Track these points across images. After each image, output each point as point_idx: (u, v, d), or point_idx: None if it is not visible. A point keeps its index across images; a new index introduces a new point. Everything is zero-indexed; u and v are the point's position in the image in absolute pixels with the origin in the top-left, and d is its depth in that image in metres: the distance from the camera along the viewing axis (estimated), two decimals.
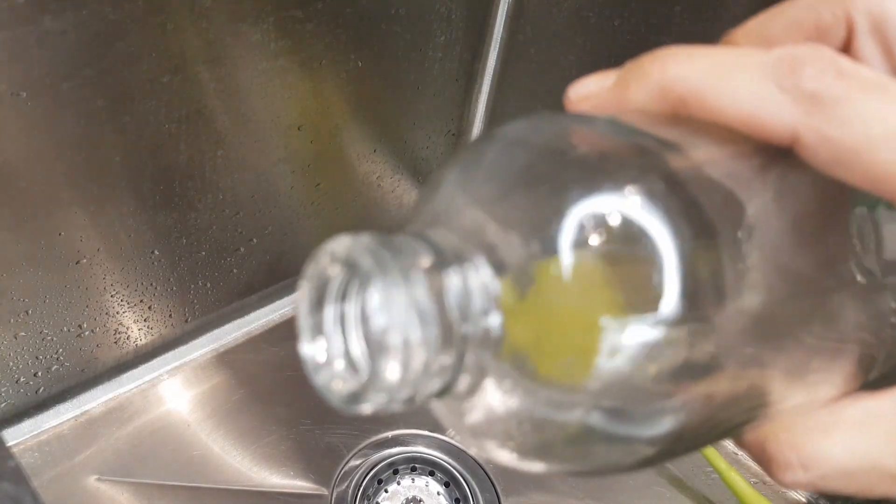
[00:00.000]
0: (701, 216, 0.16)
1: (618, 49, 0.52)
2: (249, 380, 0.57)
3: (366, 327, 0.17)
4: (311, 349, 0.18)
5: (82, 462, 0.50)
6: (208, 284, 0.55)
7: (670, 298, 0.15)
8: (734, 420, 0.18)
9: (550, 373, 0.16)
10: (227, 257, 0.55)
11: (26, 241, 0.44)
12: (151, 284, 0.52)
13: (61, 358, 0.50)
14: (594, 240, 0.16)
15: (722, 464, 0.51)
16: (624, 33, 0.52)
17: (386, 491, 0.51)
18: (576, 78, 0.20)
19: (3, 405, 0.50)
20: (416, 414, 0.55)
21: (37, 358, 0.49)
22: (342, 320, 0.17)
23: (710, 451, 0.52)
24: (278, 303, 0.62)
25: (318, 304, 0.17)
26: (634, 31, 0.51)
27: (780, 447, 0.18)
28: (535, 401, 0.17)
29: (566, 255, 0.16)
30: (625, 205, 0.16)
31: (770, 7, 0.20)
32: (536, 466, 0.18)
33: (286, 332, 0.61)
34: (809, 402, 0.19)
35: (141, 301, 0.52)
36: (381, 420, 0.54)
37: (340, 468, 0.51)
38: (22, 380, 0.49)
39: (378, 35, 0.52)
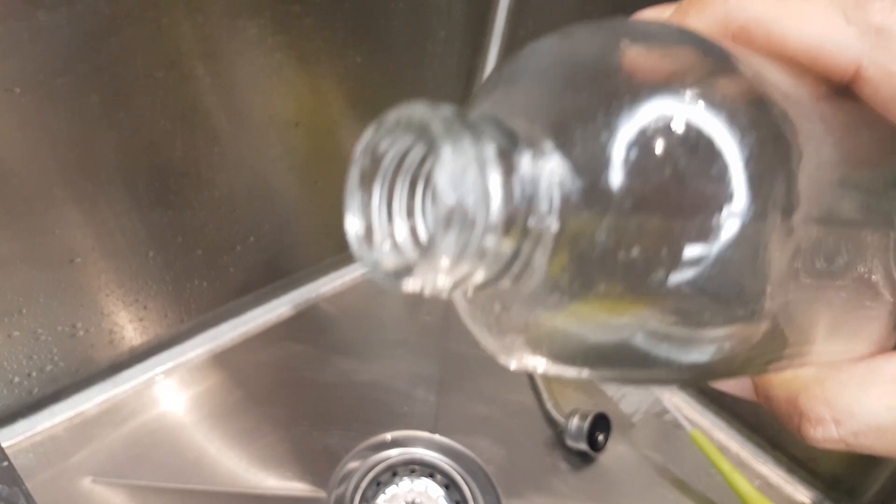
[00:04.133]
0: (771, 130, 0.16)
1: None
2: (246, 380, 0.56)
3: (427, 198, 0.16)
4: (358, 223, 0.17)
5: (77, 463, 0.49)
6: (204, 283, 0.55)
7: (737, 212, 0.15)
8: (765, 358, 0.18)
9: (603, 289, 0.16)
10: (224, 256, 0.55)
11: (20, 240, 0.43)
12: (146, 283, 0.51)
13: (55, 358, 0.50)
14: (666, 143, 0.15)
15: (726, 465, 0.51)
16: None
17: (384, 493, 0.51)
18: None
19: None
20: (415, 415, 0.55)
21: (31, 358, 0.48)
22: (395, 194, 0.17)
23: (713, 453, 0.51)
24: (275, 302, 0.62)
25: (370, 175, 0.16)
26: None
27: (812, 401, 0.18)
28: (579, 314, 0.16)
29: (637, 160, 0.15)
30: (698, 111, 0.15)
31: None
32: (560, 371, 0.18)
33: (283, 331, 0.61)
34: (842, 356, 0.18)
35: (136, 300, 0.51)
36: (379, 421, 0.54)
37: (338, 470, 0.51)
38: (16, 380, 0.49)
39: (377, 30, 0.52)
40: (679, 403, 0.58)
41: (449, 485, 0.51)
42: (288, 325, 0.61)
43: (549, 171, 0.15)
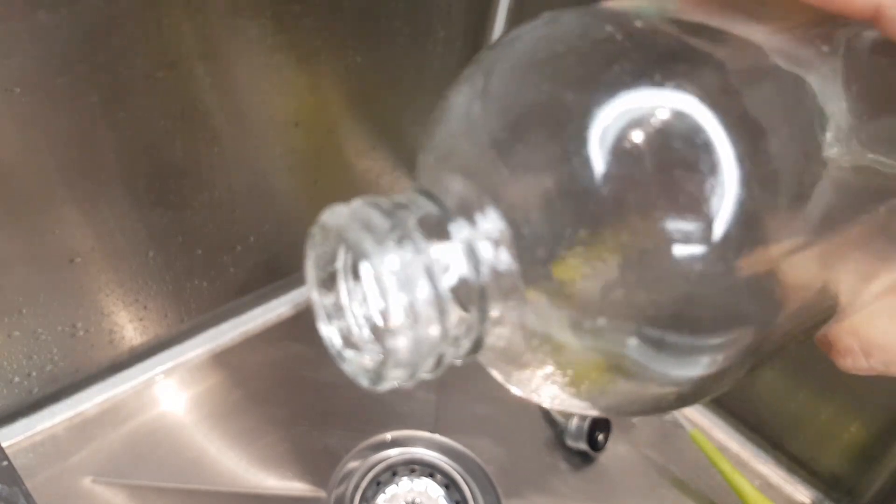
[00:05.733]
0: (760, 112, 0.15)
1: None
2: (246, 380, 0.56)
3: (370, 303, 0.16)
4: (328, 331, 0.16)
5: (77, 463, 0.49)
6: (204, 283, 0.55)
7: (728, 215, 0.14)
8: (803, 328, 0.17)
9: (591, 301, 0.15)
10: (224, 256, 0.55)
11: (20, 239, 0.43)
12: (146, 283, 0.51)
13: (55, 358, 0.50)
14: (634, 151, 0.14)
15: (726, 465, 0.51)
16: None
17: (384, 493, 0.50)
18: None
19: None
20: (415, 415, 0.55)
21: (31, 357, 0.48)
22: (350, 297, 0.16)
23: (713, 453, 0.51)
24: (275, 302, 0.62)
25: (325, 282, 0.16)
26: None
27: (840, 334, 0.18)
28: (579, 334, 0.15)
29: (603, 168, 0.14)
30: (674, 109, 0.14)
31: None
32: (596, 406, 0.17)
33: (283, 331, 0.61)
34: (883, 292, 0.18)
35: (136, 300, 0.51)
36: (379, 421, 0.54)
37: (338, 470, 0.51)
38: (16, 380, 0.49)
39: (377, 30, 0.52)
40: None
41: (449, 485, 0.51)
42: (288, 325, 0.61)
43: (489, 229, 0.15)
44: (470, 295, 0.15)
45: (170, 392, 0.55)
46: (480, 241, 0.15)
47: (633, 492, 0.53)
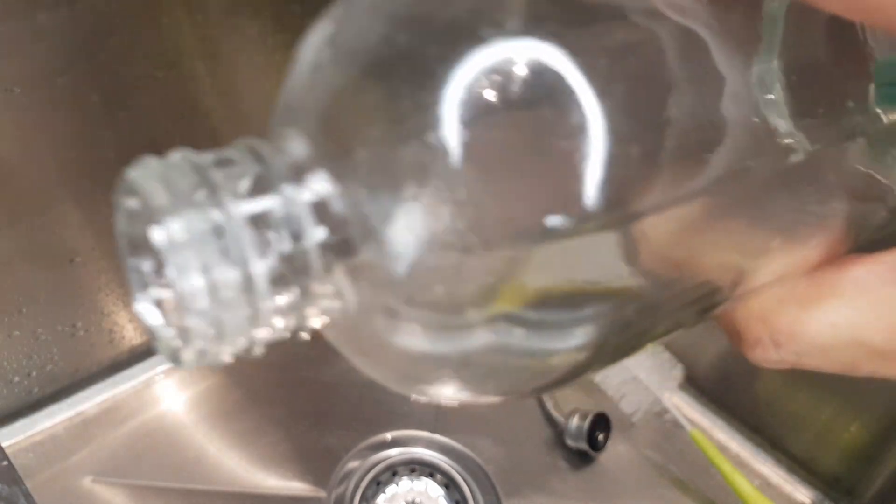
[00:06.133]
0: (636, 64, 0.13)
1: None
2: (246, 380, 0.56)
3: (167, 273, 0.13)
4: (142, 305, 0.14)
5: (77, 463, 0.49)
6: None
7: (594, 188, 0.12)
8: (694, 305, 0.16)
9: (429, 273, 0.13)
10: None
11: (20, 239, 0.43)
12: None
13: (55, 357, 0.50)
14: (485, 108, 0.12)
15: (726, 465, 0.51)
16: None
17: (384, 493, 0.50)
18: None
19: None
20: (415, 415, 0.55)
21: (31, 357, 0.48)
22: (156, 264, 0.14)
23: (713, 453, 0.51)
24: None
25: (141, 246, 0.14)
26: None
27: (748, 321, 0.16)
28: (418, 310, 0.13)
29: (452, 139, 0.12)
30: (534, 61, 0.12)
31: None
32: (454, 394, 0.15)
33: None
34: (789, 272, 0.16)
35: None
36: (379, 421, 0.54)
37: (338, 470, 0.51)
38: (16, 380, 0.49)
39: None
40: (679, 403, 0.58)
41: (449, 484, 0.51)
42: None
43: (318, 192, 0.13)
44: (292, 266, 0.13)
45: (170, 392, 0.55)
46: (306, 206, 0.13)
47: (633, 492, 0.53)
